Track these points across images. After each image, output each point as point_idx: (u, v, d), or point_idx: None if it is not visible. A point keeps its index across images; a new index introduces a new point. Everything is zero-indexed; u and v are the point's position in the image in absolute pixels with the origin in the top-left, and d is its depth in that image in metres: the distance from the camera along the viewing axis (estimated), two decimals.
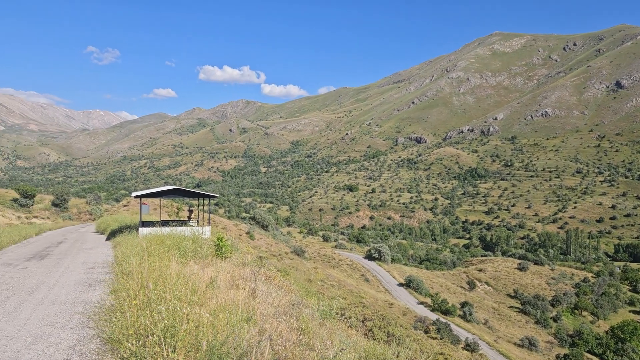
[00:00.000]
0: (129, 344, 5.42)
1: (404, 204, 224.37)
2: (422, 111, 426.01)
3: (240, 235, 70.16)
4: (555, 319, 67.36)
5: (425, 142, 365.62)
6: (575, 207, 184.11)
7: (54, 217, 69.74)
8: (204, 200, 35.48)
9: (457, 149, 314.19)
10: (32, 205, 73.41)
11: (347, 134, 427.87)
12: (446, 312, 61.28)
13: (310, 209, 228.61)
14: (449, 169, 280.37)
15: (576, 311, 72.63)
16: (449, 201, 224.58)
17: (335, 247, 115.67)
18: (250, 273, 12.41)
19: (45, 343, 6.86)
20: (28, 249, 23.16)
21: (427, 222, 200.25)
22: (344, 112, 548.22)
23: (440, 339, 43.86)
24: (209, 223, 31.35)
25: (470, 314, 61.62)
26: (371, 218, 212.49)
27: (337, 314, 11.78)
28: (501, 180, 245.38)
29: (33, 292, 10.96)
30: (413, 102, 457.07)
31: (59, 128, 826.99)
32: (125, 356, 5.41)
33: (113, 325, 6.63)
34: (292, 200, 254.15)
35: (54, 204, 79.46)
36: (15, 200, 70.54)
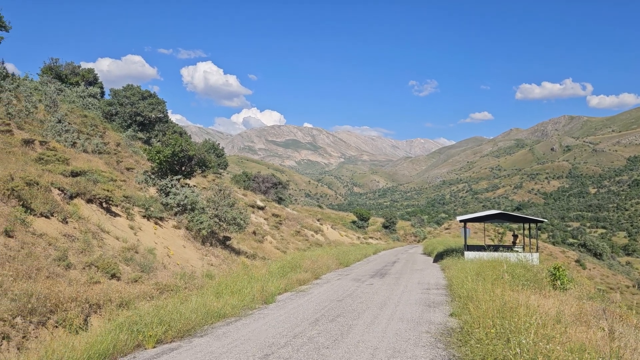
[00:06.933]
0: None
1: None
2: None
3: (569, 263, 64.09)
4: None
5: None
6: None
7: (385, 238, 77.05)
8: (529, 224, 33.75)
9: None
10: (366, 226, 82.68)
11: None
12: None
13: None
14: None
15: None
16: None
17: None
18: (599, 309, 11.09)
19: (403, 357, 7.49)
20: (369, 267, 26.09)
21: None
22: None
23: None
24: (537, 249, 29.58)
25: None
26: None
27: None
28: None
29: (382, 307, 12.22)
30: None
31: (386, 157, 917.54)
32: None
33: (467, 351, 6.82)
34: (631, 226, 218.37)
35: (384, 226, 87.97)
36: (354, 222, 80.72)
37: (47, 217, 13.02)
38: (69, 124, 25.89)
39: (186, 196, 21.95)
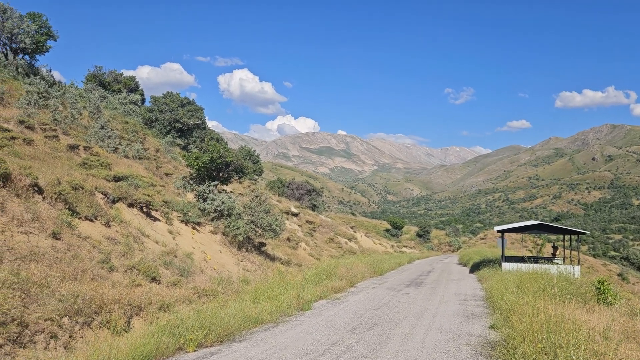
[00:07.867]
0: None
1: None
2: None
3: (611, 277, 61.98)
4: None
5: None
6: None
7: (419, 247, 76.16)
8: (570, 236, 32.81)
9: None
10: (400, 235, 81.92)
11: None
12: None
13: None
14: None
15: None
16: None
17: None
18: None
19: None
20: (404, 276, 25.83)
21: None
22: None
23: None
24: (578, 262, 28.70)
25: None
26: None
27: None
28: None
29: (420, 318, 12.07)
30: None
31: (421, 165, 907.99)
32: None
33: None
34: None
35: (418, 235, 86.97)
36: (387, 230, 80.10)
37: (91, 220, 13.41)
38: (112, 130, 26.64)
39: (223, 202, 22.23)
